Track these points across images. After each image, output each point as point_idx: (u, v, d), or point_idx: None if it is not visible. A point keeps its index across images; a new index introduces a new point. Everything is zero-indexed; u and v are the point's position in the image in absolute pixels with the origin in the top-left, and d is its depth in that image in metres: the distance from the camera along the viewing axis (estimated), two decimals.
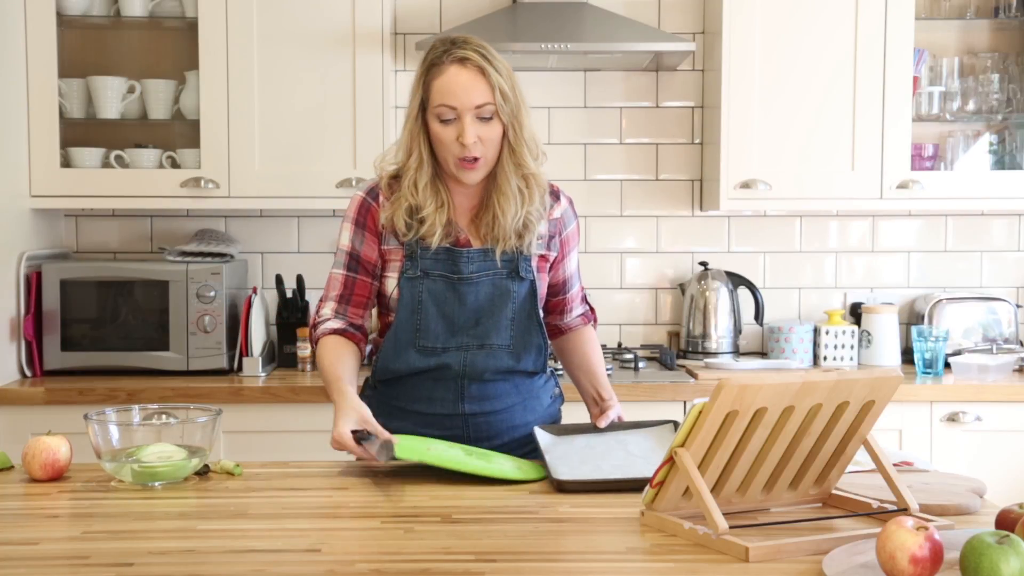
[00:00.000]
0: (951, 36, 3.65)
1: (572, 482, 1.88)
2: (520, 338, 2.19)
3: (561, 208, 2.26)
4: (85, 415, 1.94)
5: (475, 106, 2.07)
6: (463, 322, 2.16)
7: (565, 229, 2.27)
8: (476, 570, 1.45)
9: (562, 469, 1.94)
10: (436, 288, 2.14)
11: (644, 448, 2.04)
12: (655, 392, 3.11)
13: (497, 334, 2.17)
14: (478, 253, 2.16)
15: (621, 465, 1.96)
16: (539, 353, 2.22)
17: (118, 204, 3.41)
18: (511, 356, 2.18)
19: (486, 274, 2.16)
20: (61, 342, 3.26)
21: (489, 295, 2.16)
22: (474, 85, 2.07)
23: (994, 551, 1.27)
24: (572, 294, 2.34)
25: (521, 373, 2.22)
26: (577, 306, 2.37)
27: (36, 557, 1.52)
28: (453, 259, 2.15)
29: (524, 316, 2.18)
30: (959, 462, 3.09)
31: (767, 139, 3.39)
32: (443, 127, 2.08)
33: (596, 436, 2.12)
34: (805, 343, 3.52)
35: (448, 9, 3.64)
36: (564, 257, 2.28)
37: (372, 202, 2.19)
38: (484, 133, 2.08)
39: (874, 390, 1.65)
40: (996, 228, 3.74)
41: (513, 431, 2.22)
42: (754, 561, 1.47)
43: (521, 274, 2.17)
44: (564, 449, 2.04)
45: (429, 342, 2.16)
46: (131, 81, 3.40)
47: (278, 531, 1.65)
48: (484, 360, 2.17)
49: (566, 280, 2.31)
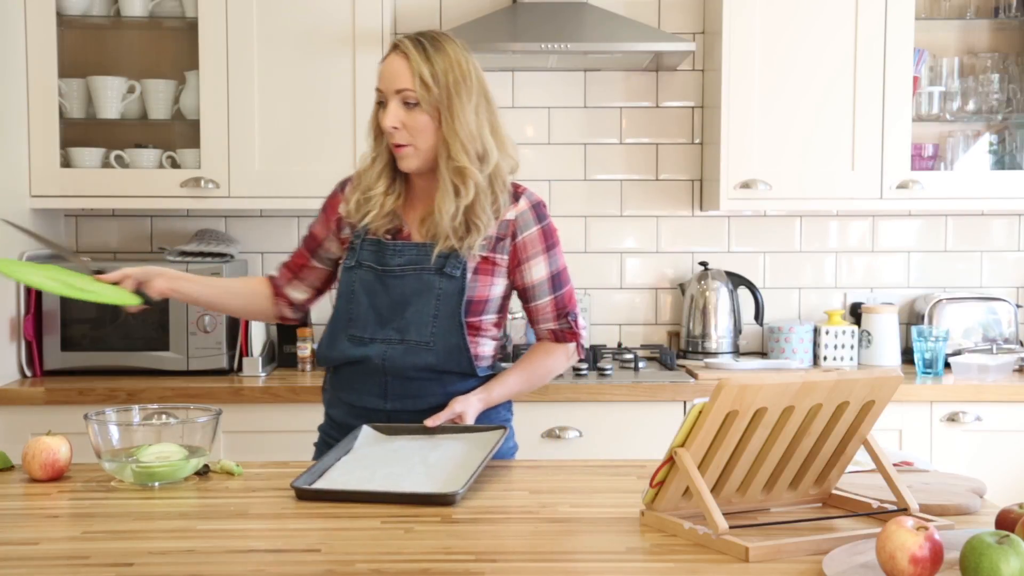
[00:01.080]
0: (951, 36, 3.65)
1: (305, 490, 1.81)
2: (441, 337, 2.16)
3: (517, 210, 2.19)
4: (85, 415, 1.94)
5: (395, 90, 2.11)
6: (389, 314, 2.17)
7: (521, 233, 2.19)
8: (476, 570, 1.45)
9: (334, 474, 1.89)
10: (367, 278, 2.18)
11: (445, 457, 1.94)
12: (655, 392, 3.11)
13: (417, 330, 2.15)
14: (411, 247, 2.17)
15: (396, 475, 1.87)
16: (460, 354, 2.17)
17: (118, 204, 3.41)
18: (431, 353, 2.15)
19: (412, 268, 2.16)
20: (61, 342, 3.26)
21: (413, 289, 2.16)
22: (398, 70, 2.11)
23: (994, 551, 1.27)
24: (538, 305, 2.23)
25: (449, 374, 2.19)
26: (546, 320, 2.25)
27: (36, 557, 1.52)
28: (382, 250, 2.18)
29: (447, 315, 2.15)
30: (959, 462, 3.09)
31: (767, 139, 3.39)
32: (380, 111, 2.16)
33: (416, 439, 2.05)
34: (805, 343, 3.52)
35: (448, 9, 3.64)
36: (522, 263, 2.20)
37: (339, 192, 2.29)
38: (409, 120, 2.11)
39: (874, 390, 1.65)
40: (996, 228, 3.74)
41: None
42: (754, 561, 1.47)
43: (447, 271, 2.14)
44: (371, 451, 1.99)
45: (359, 331, 2.19)
46: (131, 81, 3.40)
47: (278, 531, 1.65)
48: (403, 356, 2.15)
49: (528, 288, 2.22)
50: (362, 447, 2.03)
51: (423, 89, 2.09)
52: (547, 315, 2.25)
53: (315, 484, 1.86)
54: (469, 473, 1.86)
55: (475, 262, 2.17)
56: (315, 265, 2.31)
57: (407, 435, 2.08)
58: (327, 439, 2.29)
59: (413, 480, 1.85)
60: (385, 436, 2.08)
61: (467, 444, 2.02)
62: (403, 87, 2.10)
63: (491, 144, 2.14)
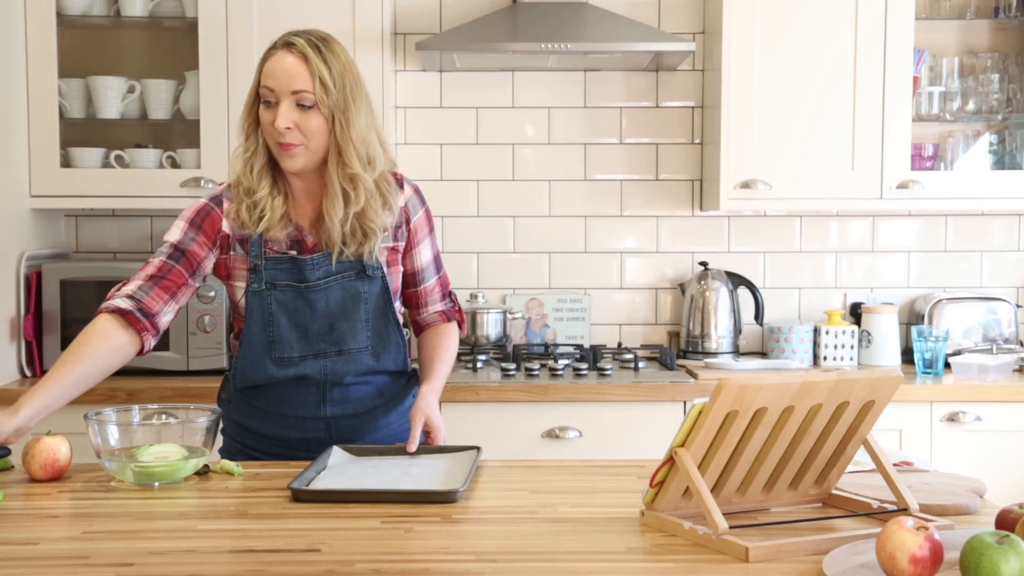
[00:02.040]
0: (951, 36, 3.65)
1: (305, 491, 1.80)
2: (378, 338, 2.17)
3: (405, 196, 2.21)
4: (85, 415, 1.94)
5: (292, 91, 2.05)
6: (317, 329, 2.14)
7: (412, 217, 2.22)
8: (476, 570, 1.45)
9: (321, 482, 1.88)
10: (285, 298, 2.12)
11: (428, 471, 1.94)
12: (655, 392, 3.11)
13: (354, 338, 2.15)
14: (323, 258, 2.13)
15: (386, 482, 1.87)
16: (399, 350, 2.20)
17: (118, 204, 3.41)
18: (371, 357, 2.17)
19: (335, 278, 2.14)
20: (61, 342, 3.26)
21: (340, 299, 2.14)
22: (296, 71, 2.06)
23: (994, 551, 1.27)
24: (426, 287, 2.27)
25: (383, 373, 2.20)
26: (435, 302, 2.30)
27: (36, 557, 1.52)
28: (299, 267, 2.12)
29: (379, 316, 2.16)
30: (959, 462, 3.09)
31: (767, 139, 3.39)
32: (265, 110, 2.08)
33: (389, 458, 2.04)
34: (805, 343, 3.52)
35: (448, 9, 3.64)
36: (413, 247, 2.23)
37: (215, 208, 2.16)
38: (303, 122, 2.06)
39: (874, 390, 1.65)
40: (996, 228, 3.74)
41: (376, 431, 2.22)
42: (754, 561, 1.46)
43: (369, 273, 2.14)
44: (348, 469, 1.97)
45: (284, 352, 2.14)
46: (131, 81, 3.40)
47: (278, 531, 1.65)
48: (344, 365, 2.15)
49: (416, 272, 2.25)
50: (336, 465, 2.00)
51: (322, 91, 2.05)
52: (435, 296, 2.29)
53: (312, 484, 1.86)
54: (458, 479, 1.87)
55: (384, 255, 2.18)
56: (191, 284, 2.15)
57: (378, 455, 2.07)
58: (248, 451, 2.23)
59: (406, 485, 1.85)
60: (355, 457, 2.06)
61: (444, 460, 2.03)
62: (301, 88, 2.05)
63: (377, 148, 2.13)
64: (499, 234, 3.70)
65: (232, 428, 2.28)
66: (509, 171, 3.70)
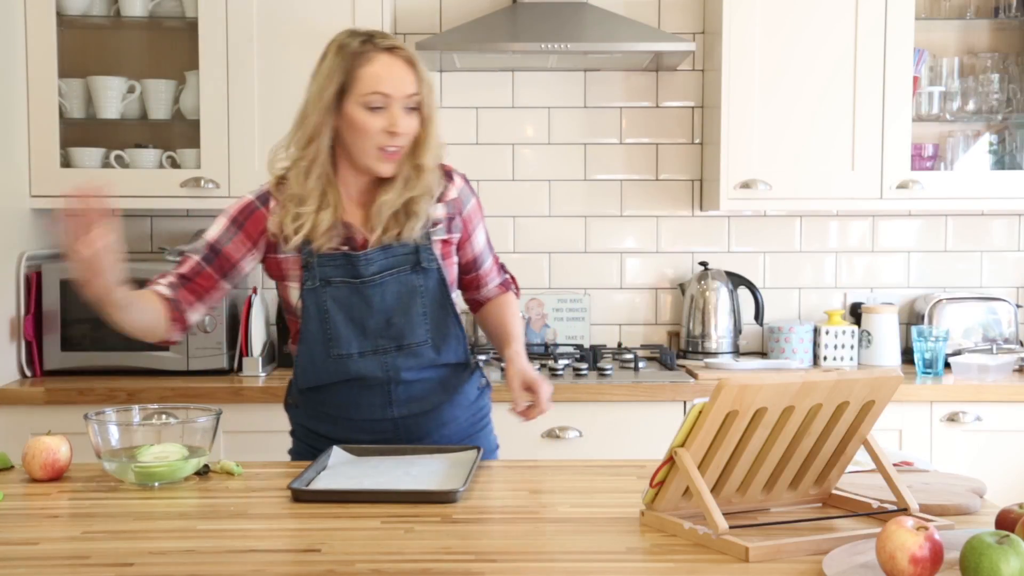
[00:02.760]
0: (951, 36, 3.65)
1: (305, 491, 1.80)
2: (438, 331, 2.16)
3: (457, 188, 2.21)
4: (85, 415, 1.94)
5: (406, 95, 2.07)
6: (374, 325, 2.13)
7: (465, 207, 2.23)
8: (476, 570, 1.45)
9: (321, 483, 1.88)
10: (340, 295, 2.11)
11: (427, 471, 1.94)
12: (655, 392, 3.11)
13: (412, 332, 2.14)
14: (378, 253, 2.12)
15: (386, 482, 1.88)
16: (459, 342, 2.19)
17: (118, 204, 3.39)
18: (432, 350, 2.16)
19: (389, 273, 2.13)
20: (61, 342, 3.26)
21: (396, 294, 2.13)
22: (407, 75, 2.07)
23: (994, 551, 1.27)
24: (484, 269, 2.30)
25: (445, 367, 2.20)
26: (493, 279, 2.33)
27: (36, 557, 1.52)
28: (352, 263, 2.11)
29: (438, 308, 2.16)
30: (959, 462, 3.09)
31: (767, 139, 3.39)
32: (370, 115, 2.06)
33: (389, 458, 2.04)
34: (805, 343, 3.52)
35: (448, 9, 3.64)
36: (469, 236, 2.24)
37: (260, 207, 2.14)
38: (408, 124, 2.08)
39: (874, 390, 1.65)
40: (996, 228, 3.74)
41: (442, 428, 2.21)
42: (754, 561, 1.47)
43: (424, 266, 2.14)
44: (348, 469, 1.97)
45: (342, 349, 2.13)
46: (131, 81, 3.40)
47: (278, 531, 1.65)
48: (405, 360, 2.14)
49: (475, 258, 2.27)
50: (336, 466, 2.01)
51: (428, 94, 2.10)
52: (493, 275, 2.33)
53: (312, 484, 1.86)
54: (458, 479, 1.87)
55: (439, 248, 2.17)
56: (223, 287, 2.15)
57: (379, 455, 2.07)
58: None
59: (406, 485, 1.85)
60: (355, 457, 2.06)
61: (445, 460, 2.03)
62: (412, 92, 2.08)
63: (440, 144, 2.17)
64: (499, 234, 3.70)
65: (302, 432, 2.28)
66: (509, 171, 3.70)
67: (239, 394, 3.10)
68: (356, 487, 1.84)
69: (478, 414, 2.28)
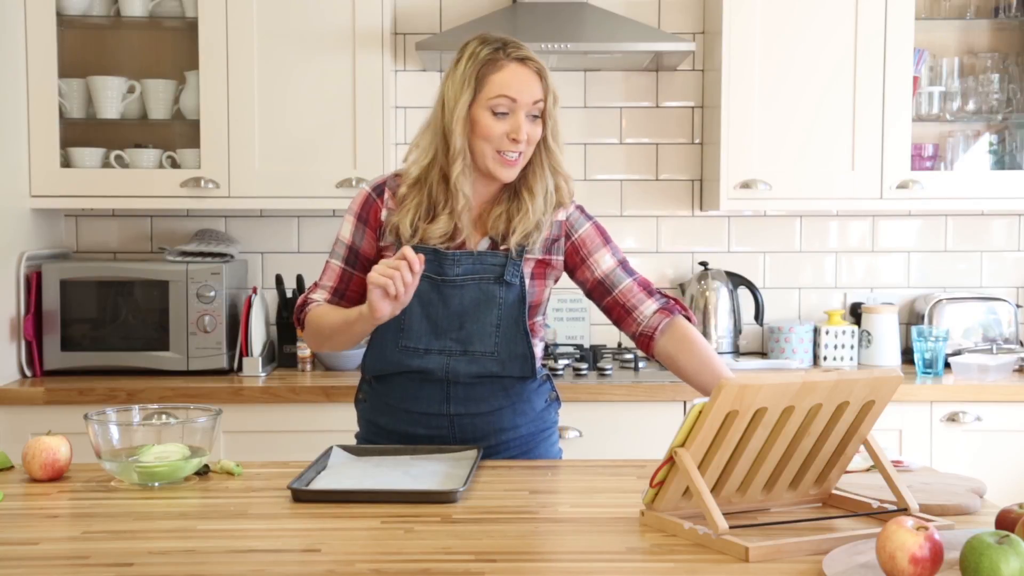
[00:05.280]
0: (951, 36, 3.65)
1: (305, 491, 1.81)
2: (505, 346, 2.15)
3: (567, 211, 2.22)
4: (85, 415, 1.94)
5: (532, 102, 2.10)
6: (447, 325, 2.14)
7: (575, 232, 2.21)
8: (476, 570, 1.45)
9: (321, 483, 1.88)
10: (421, 288, 2.10)
11: (427, 471, 1.95)
12: (655, 392, 3.11)
13: (481, 340, 2.14)
14: (467, 256, 2.13)
15: (386, 482, 1.88)
16: (525, 362, 2.17)
17: (118, 204, 3.41)
18: (495, 363, 2.15)
19: (472, 278, 2.13)
20: (61, 342, 3.26)
21: (474, 299, 2.13)
22: (534, 82, 2.11)
23: (994, 551, 1.27)
24: (622, 290, 2.20)
25: (510, 377, 2.18)
26: (642, 301, 2.19)
27: (36, 557, 1.52)
28: (439, 260, 2.13)
29: (511, 323, 2.15)
30: (959, 462, 3.08)
31: (767, 139, 3.39)
32: (495, 120, 2.08)
33: (390, 458, 2.04)
34: (805, 343, 3.52)
35: (448, 9, 3.64)
36: (586, 259, 2.21)
37: (376, 198, 2.19)
38: (531, 132, 2.11)
39: (874, 390, 1.65)
40: (996, 228, 3.74)
41: (501, 433, 2.20)
42: (754, 561, 1.47)
43: (507, 279, 2.14)
44: (348, 469, 1.97)
45: (412, 342, 2.14)
46: (131, 81, 3.40)
47: (278, 531, 1.65)
48: (467, 366, 2.14)
49: (602, 279, 2.20)
50: (336, 466, 2.00)
51: (553, 103, 2.14)
52: (639, 296, 2.20)
53: (312, 484, 1.86)
54: (458, 479, 1.87)
55: (531, 267, 2.17)
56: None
57: (379, 455, 2.07)
58: None
59: (406, 485, 1.85)
60: (355, 457, 2.06)
61: (444, 461, 2.03)
62: (539, 99, 2.11)
63: None
64: None
65: (365, 428, 2.29)
66: None
67: (239, 394, 3.10)
68: (356, 487, 1.85)
69: (542, 424, 2.27)
